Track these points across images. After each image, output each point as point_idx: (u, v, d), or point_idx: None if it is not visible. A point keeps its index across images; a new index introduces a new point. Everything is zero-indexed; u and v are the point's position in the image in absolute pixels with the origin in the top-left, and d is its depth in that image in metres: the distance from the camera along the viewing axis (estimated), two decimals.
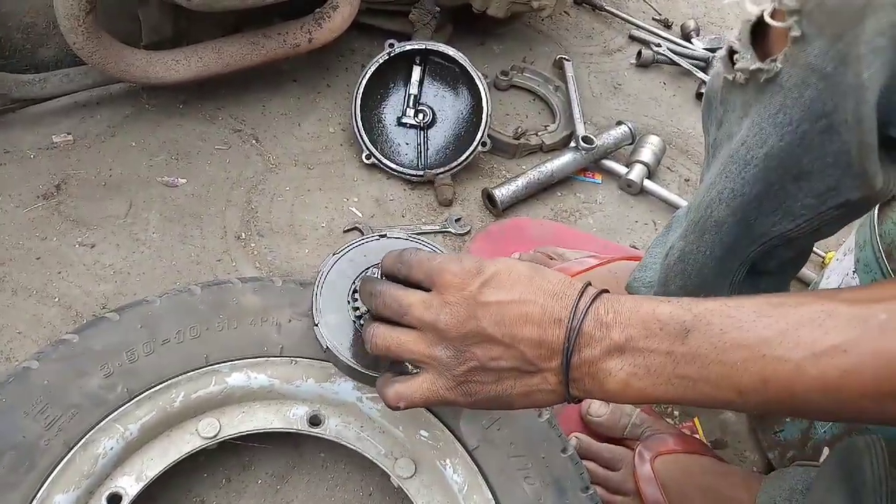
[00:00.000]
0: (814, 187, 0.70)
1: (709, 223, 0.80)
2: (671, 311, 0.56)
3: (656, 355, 0.55)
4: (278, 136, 1.39)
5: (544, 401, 0.62)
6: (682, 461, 0.95)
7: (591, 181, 1.48)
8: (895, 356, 0.48)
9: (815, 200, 0.70)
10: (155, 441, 0.84)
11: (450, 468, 0.86)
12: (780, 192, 0.71)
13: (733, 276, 0.83)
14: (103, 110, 1.35)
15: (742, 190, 0.73)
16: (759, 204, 0.74)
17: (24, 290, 1.08)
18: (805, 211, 0.72)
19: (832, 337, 0.50)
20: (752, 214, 0.75)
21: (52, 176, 1.23)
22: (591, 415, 1.01)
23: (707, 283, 0.85)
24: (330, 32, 1.34)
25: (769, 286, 0.86)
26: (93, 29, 1.13)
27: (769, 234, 0.76)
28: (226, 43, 1.28)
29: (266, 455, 0.96)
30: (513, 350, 0.60)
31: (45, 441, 0.78)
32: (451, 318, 0.61)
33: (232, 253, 1.19)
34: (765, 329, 0.52)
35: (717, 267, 0.83)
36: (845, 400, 0.51)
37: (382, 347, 0.66)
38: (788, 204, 0.72)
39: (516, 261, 0.64)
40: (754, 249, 0.79)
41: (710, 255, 0.82)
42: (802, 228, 0.74)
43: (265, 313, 0.92)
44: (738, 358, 0.52)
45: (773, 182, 0.71)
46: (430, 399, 0.65)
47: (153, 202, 1.23)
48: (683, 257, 0.87)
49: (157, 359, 0.86)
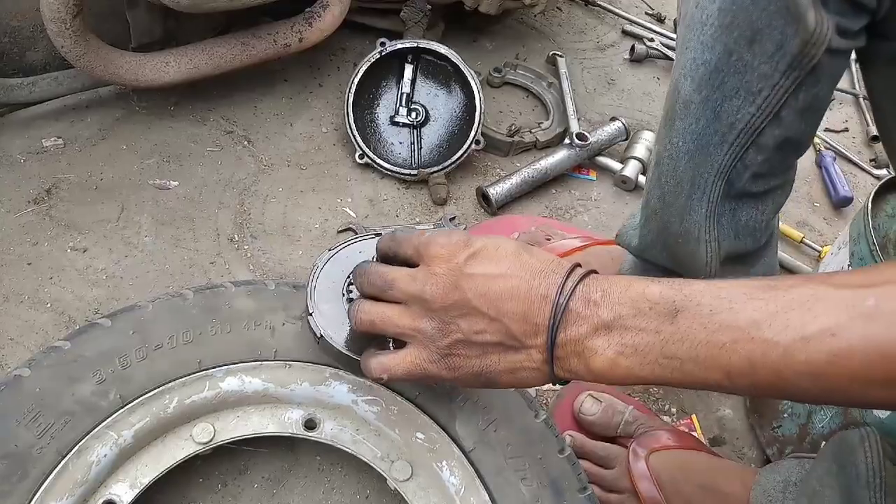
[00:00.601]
0: (765, 49, 0.71)
1: (677, 107, 0.80)
2: (661, 291, 0.55)
3: (645, 334, 0.55)
4: (270, 136, 1.39)
5: (528, 379, 0.62)
6: (676, 457, 0.95)
7: (585, 178, 1.48)
8: (883, 342, 0.48)
9: (769, 66, 0.72)
10: (149, 447, 0.83)
11: (446, 470, 0.86)
12: (738, 63, 0.73)
13: (710, 191, 0.83)
14: (93, 113, 1.34)
15: (703, 57, 0.74)
16: (720, 77, 0.74)
17: (15, 296, 1.07)
18: (762, 84, 0.73)
19: (821, 321, 0.49)
20: (717, 96, 0.75)
21: (43, 180, 1.22)
22: (583, 413, 1.01)
23: (682, 188, 0.84)
24: (320, 32, 1.33)
25: (750, 217, 0.86)
26: (80, 32, 1.12)
27: (735, 125, 0.76)
28: (216, 44, 1.28)
29: (261, 459, 0.95)
30: (497, 324, 0.60)
31: (38, 449, 0.78)
32: (437, 289, 0.61)
33: (225, 255, 1.18)
34: (755, 311, 0.51)
35: (690, 167, 0.83)
36: (833, 384, 0.50)
37: (367, 322, 0.66)
38: (748, 78, 0.73)
39: (505, 238, 0.64)
40: (726, 152, 0.79)
41: (682, 149, 0.82)
42: (763, 111, 0.75)
43: (259, 317, 0.92)
44: (727, 339, 0.52)
45: (731, 47, 0.72)
46: (412, 371, 0.65)
47: (145, 205, 1.22)
48: (659, 161, 0.87)
49: (150, 364, 0.85)
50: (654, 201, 0.91)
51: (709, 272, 0.89)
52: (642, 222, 0.96)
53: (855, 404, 0.65)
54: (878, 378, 0.49)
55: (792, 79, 0.73)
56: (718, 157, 0.80)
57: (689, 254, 0.89)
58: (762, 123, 0.76)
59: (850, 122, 1.82)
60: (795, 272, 1.37)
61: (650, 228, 0.94)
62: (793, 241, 1.44)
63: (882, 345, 0.48)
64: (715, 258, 0.88)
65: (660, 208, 0.90)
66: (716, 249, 0.88)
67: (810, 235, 1.46)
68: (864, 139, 1.78)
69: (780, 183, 0.87)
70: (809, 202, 1.57)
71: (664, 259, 0.95)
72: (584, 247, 1.19)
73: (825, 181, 1.61)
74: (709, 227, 0.86)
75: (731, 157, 0.80)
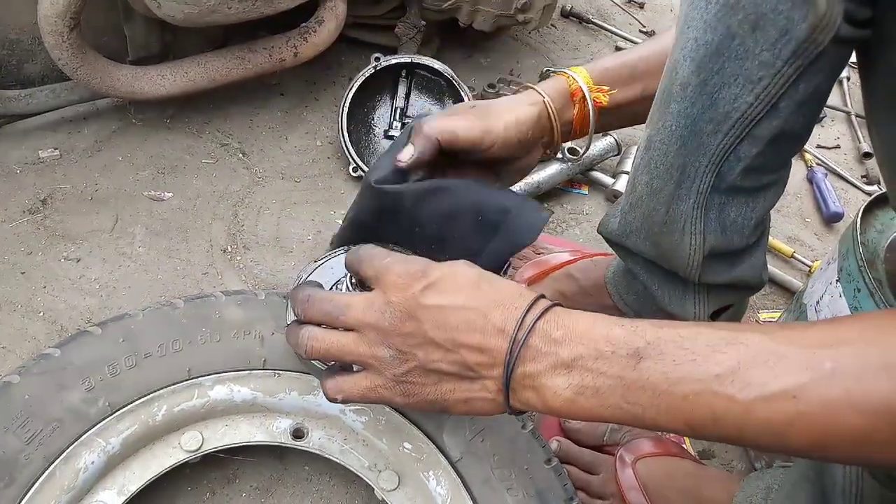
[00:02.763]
0: (768, 35, 0.70)
1: (674, 88, 0.79)
2: (624, 336, 0.56)
3: (606, 378, 0.56)
4: (265, 149, 1.40)
5: (483, 409, 0.63)
6: (662, 464, 0.95)
7: (577, 192, 1.49)
8: (840, 406, 0.49)
9: (770, 54, 0.71)
10: (137, 455, 0.84)
11: (433, 480, 0.86)
12: (740, 49, 0.72)
13: (699, 181, 0.82)
14: (90, 125, 1.36)
15: (705, 37, 0.73)
16: (720, 62, 0.73)
17: (8, 305, 1.08)
18: (762, 73, 0.72)
19: (782, 381, 0.50)
20: (715, 80, 0.75)
21: (38, 191, 1.23)
22: (569, 421, 1.01)
23: (672, 175, 0.83)
24: (315, 47, 1.35)
25: (739, 213, 0.85)
26: (78, 45, 1.13)
27: (731, 114, 0.76)
28: (212, 58, 1.29)
29: (250, 468, 0.96)
30: (454, 354, 0.60)
31: (26, 455, 0.78)
32: (392, 318, 0.62)
33: (218, 266, 1.19)
34: (716, 365, 0.52)
35: (681, 154, 0.81)
36: (792, 444, 0.51)
37: (320, 350, 0.67)
38: (747, 66, 0.72)
39: (465, 265, 0.64)
40: (719, 142, 0.78)
41: (676, 133, 0.81)
42: (762, 101, 0.74)
43: (248, 326, 0.92)
44: (689, 391, 0.53)
45: (734, 30, 0.71)
46: (367, 396, 0.66)
47: (139, 216, 1.23)
48: (649, 145, 0.86)
49: (139, 372, 0.86)
50: (640, 187, 0.89)
51: (692, 265, 0.88)
52: (626, 208, 0.94)
53: (814, 458, 0.65)
54: (833, 442, 0.50)
55: (794, 67, 0.71)
56: (711, 147, 0.79)
57: (672, 245, 0.88)
58: (759, 114, 0.75)
59: (843, 139, 1.83)
60: (786, 287, 1.38)
61: (635, 215, 0.92)
62: (783, 255, 1.45)
63: (838, 410, 0.49)
64: (699, 251, 0.87)
65: (646, 195, 0.88)
66: (700, 243, 0.86)
67: (801, 250, 1.47)
68: (856, 156, 1.79)
69: (773, 180, 0.85)
70: (800, 217, 1.58)
71: (647, 248, 0.93)
72: (574, 260, 1.19)
73: (816, 196, 1.62)
74: (695, 219, 0.85)
75: (724, 148, 0.78)
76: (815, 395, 0.49)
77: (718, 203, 0.83)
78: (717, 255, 0.88)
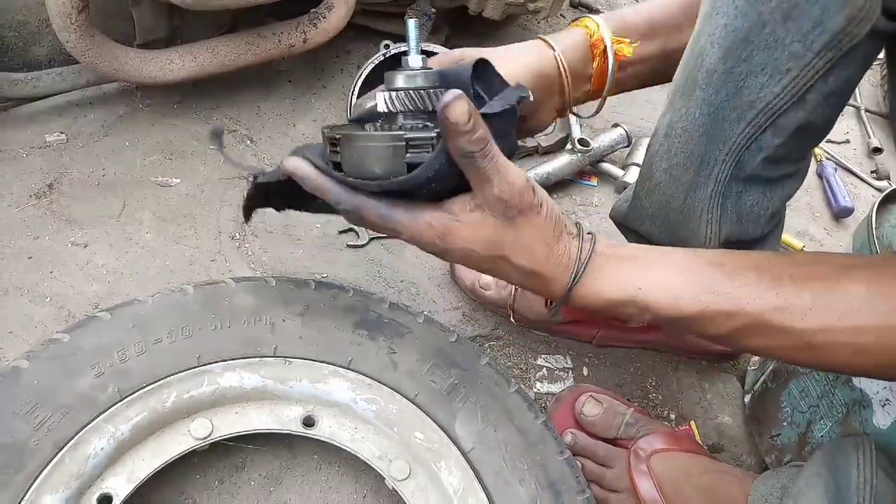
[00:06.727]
0: (801, 26, 0.68)
1: (699, 75, 0.77)
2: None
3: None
4: (273, 136, 1.39)
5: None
6: (678, 459, 0.94)
7: (587, 184, 1.48)
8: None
9: (801, 45, 0.69)
10: (146, 442, 0.83)
11: (445, 470, 0.85)
12: (770, 38, 0.70)
13: (719, 169, 0.81)
14: (97, 109, 1.34)
15: (735, 23, 0.72)
16: (749, 49, 0.72)
17: (15, 290, 1.07)
18: (791, 64, 0.71)
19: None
20: (742, 69, 0.73)
21: (45, 175, 1.22)
22: (584, 414, 1.00)
23: (692, 162, 0.82)
24: (325, 33, 1.33)
25: (756, 202, 0.84)
26: (85, 27, 1.12)
27: (756, 104, 0.74)
28: (220, 43, 1.28)
29: (259, 456, 0.95)
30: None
31: (35, 441, 0.77)
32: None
33: (226, 253, 1.18)
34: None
35: (703, 141, 0.80)
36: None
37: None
38: (777, 56, 0.71)
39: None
40: (741, 131, 0.77)
41: (698, 120, 0.79)
42: (789, 92, 0.73)
43: (258, 313, 0.91)
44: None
45: (765, 18, 0.70)
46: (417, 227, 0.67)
47: (147, 202, 1.22)
48: (669, 131, 0.84)
49: (148, 359, 0.85)
50: (659, 174, 0.87)
51: None
52: (642, 194, 0.92)
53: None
54: None
55: (825, 60, 0.70)
56: (733, 135, 0.77)
57: (688, 232, 0.87)
58: (785, 105, 0.73)
59: (852, 134, 1.82)
60: None
61: (652, 201, 0.90)
62: (794, 251, 1.44)
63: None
64: (714, 240, 0.86)
65: (665, 181, 0.86)
66: (716, 232, 0.85)
67: (811, 245, 1.46)
68: (866, 151, 1.78)
69: (793, 171, 0.84)
70: (810, 212, 1.57)
71: (661, 234, 0.92)
72: None
73: (826, 191, 1.61)
74: (712, 207, 0.84)
75: (747, 137, 0.77)
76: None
77: (736, 192, 0.82)
78: (731, 243, 0.87)
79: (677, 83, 0.82)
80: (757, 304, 0.66)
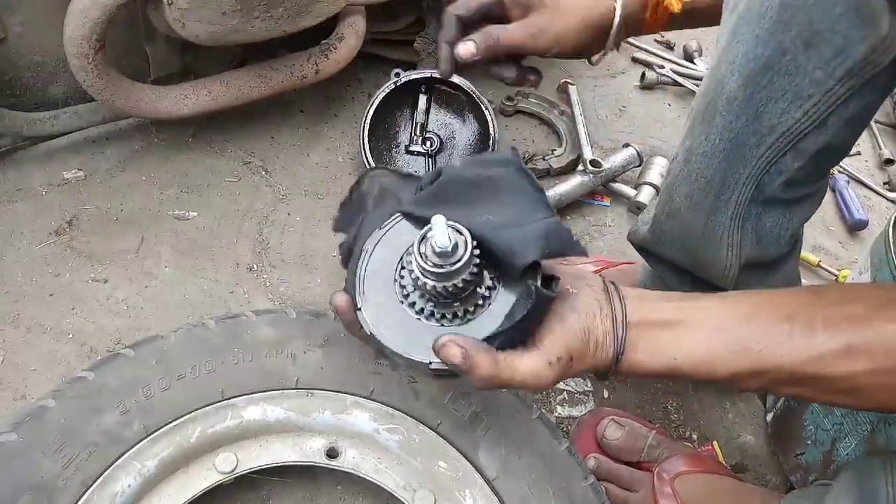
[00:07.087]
0: (822, 53, 0.69)
1: (720, 102, 0.78)
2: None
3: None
4: (287, 166, 1.40)
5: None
6: (701, 481, 0.94)
7: (599, 204, 1.48)
8: None
9: (823, 73, 0.69)
10: (172, 477, 0.84)
11: (470, 499, 0.85)
12: (791, 65, 0.71)
13: (738, 193, 0.81)
14: (113, 145, 1.36)
15: (755, 51, 0.72)
16: (769, 76, 0.72)
17: (38, 327, 1.08)
18: (813, 90, 0.71)
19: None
20: (761, 95, 0.73)
21: (64, 212, 1.23)
22: (607, 438, 1.00)
23: (712, 188, 0.82)
24: (336, 63, 1.35)
25: (776, 223, 0.84)
26: (102, 66, 1.14)
27: (777, 128, 0.74)
28: (233, 76, 1.29)
29: (284, 489, 0.95)
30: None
31: (63, 480, 0.78)
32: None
33: (244, 285, 1.19)
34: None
35: (723, 167, 0.80)
36: None
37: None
38: (797, 82, 0.71)
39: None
40: (762, 155, 0.77)
41: (718, 146, 0.79)
42: (810, 117, 0.73)
43: (280, 345, 0.92)
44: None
45: (786, 46, 0.70)
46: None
47: (165, 236, 1.23)
48: (689, 157, 0.84)
49: (172, 394, 0.86)
50: (679, 199, 0.88)
51: (728, 276, 0.88)
52: (662, 218, 0.92)
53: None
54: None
55: (847, 87, 0.70)
56: (753, 159, 0.78)
57: (709, 256, 0.87)
58: (806, 129, 0.74)
59: (863, 146, 1.82)
60: None
61: (672, 225, 0.91)
62: (810, 265, 1.44)
63: None
64: (735, 264, 0.86)
65: (685, 207, 0.87)
66: (737, 255, 0.86)
67: (826, 259, 1.46)
68: (877, 162, 1.78)
69: (812, 192, 0.84)
70: (824, 226, 1.57)
71: (681, 257, 0.92)
72: (598, 271, 1.19)
73: (839, 205, 1.61)
74: (732, 231, 0.84)
75: (767, 161, 0.77)
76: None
77: (756, 214, 0.83)
78: (753, 265, 0.87)
79: (697, 110, 0.83)
80: (790, 358, 0.63)
